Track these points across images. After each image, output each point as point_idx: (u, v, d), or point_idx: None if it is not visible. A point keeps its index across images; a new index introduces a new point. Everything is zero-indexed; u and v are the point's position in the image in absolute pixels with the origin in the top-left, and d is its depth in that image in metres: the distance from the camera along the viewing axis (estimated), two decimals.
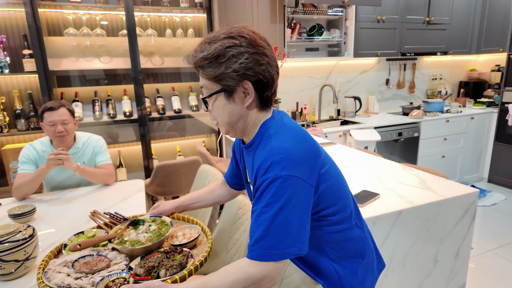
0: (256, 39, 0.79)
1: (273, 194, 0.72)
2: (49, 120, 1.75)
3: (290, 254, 0.73)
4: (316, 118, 3.50)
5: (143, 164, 2.85)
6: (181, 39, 2.90)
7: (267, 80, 0.80)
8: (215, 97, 0.82)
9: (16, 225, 1.13)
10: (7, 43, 2.46)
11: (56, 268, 0.92)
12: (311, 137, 0.82)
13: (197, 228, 1.12)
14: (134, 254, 0.98)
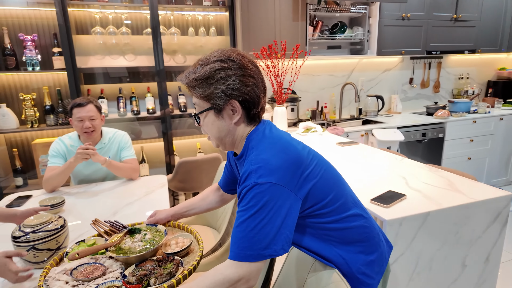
0: (244, 62, 0.86)
1: (250, 200, 0.78)
2: (77, 116, 1.82)
3: (265, 256, 0.78)
4: (337, 117, 3.45)
5: (165, 160, 2.90)
6: (203, 37, 2.92)
7: (253, 100, 0.87)
8: (205, 114, 0.90)
9: (48, 215, 1.17)
10: (38, 42, 2.56)
11: (56, 276, 0.96)
12: (292, 145, 0.87)
13: (189, 236, 1.16)
14: (129, 262, 1.02)
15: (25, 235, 1.08)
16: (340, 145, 2.35)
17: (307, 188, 0.83)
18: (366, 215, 0.95)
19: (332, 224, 0.88)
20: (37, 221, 1.12)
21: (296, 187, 0.81)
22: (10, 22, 2.50)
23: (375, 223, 0.99)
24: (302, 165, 0.83)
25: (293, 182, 0.81)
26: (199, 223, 2.00)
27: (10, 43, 2.45)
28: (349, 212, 0.90)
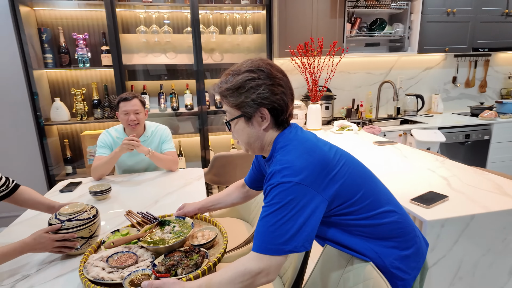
0: (273, 72, 0.91)
1: (273, 197, 0.82)
2: (123, 110, 1.94)
3: (285, 251, 0.80)
4: (373, 116, 3.36)
5: (200, 154, 3.00)
6: (240, 36, 2.98)
7: (281, 107, 0.91)
8: (236, 121, 0.95)
9: (82, 205, 1.20)
10: (89, 40, 2.75)
11: (94, 262, 1.03)
12: (317, 146, 0.89)
13: (215, 229, 1.20)
14: (159, 252, 1.08)
15: (61, 223, 1.12)
16: (377, 144, 2.29)
17: (334, 188, 0.85)
18: (400, 211, 0.94)
19: (363, 220, 0.89)
20: (72, 210, 1.16)
21: (322, 188, 0.83)
22: (65, 23, 2.71)
23: (410, 219, 0.97)
24: (328, 166, 0.86)
25: (318, 183, 0.83)
26: (233, 215, 2.05)
27: (64, 42, 2.65)
28: (381, 209, 0.90)
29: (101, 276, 0.96)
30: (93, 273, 0.97)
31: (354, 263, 0.92)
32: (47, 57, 2.62)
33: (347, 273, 0.94)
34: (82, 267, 1.00)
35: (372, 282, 0.84)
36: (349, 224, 0.89)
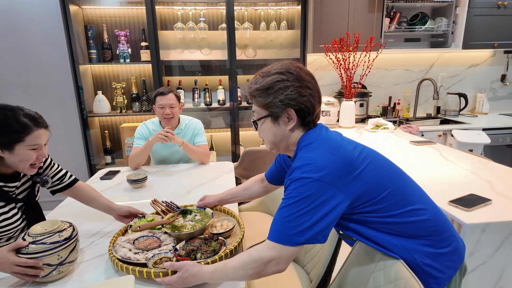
0: (301, 75, 0.93)
1: (292, 190, 0.84)
2: (159, 103, 2.02)
3: (297, 242, 0.83)
4: (411, 115, 3.22)
5: (231, 149, 3.05)
6: (274, 31, 2.98)
7: (308, 109, 0.93)
8: (263, 120, 0.98)
9: (55, 223, 1.02)
10: (130, 37, 2.89)
11: (122, 244, 1.12)
12: (341, 146, 0.90)
13: (233, 220, 1.28)
14: (180, 238, 1.16)
15: (26, 246, 0.94)
16: (414, 143, 2.19)
17: (358, 186, 0.85)
18: (433, 210, 0.92)
19: (390, 218, 0.88)
20: (42, 230, 0.98)
21: (344, 186, 0.84)
22: (109, 20, 2.86)
23: (446, 219, 0.94)
24: (352, 165, 0.86)
25: (340, 181, 0.84)
26: (260, 210, 2.07)
27: (107, 38, 2.81)
28: (410, 207, 0.89)
29: (127, 256, 1.05)
30: (121, 252, 1.06)
31: (385, 262, 0.89)
32: (92, 53, 2.79)
33: (378, 272, 0.91)
34: (111, 247, 1.09)
35: (404, 282, 0.81)
36: (376, 221, 0.89)
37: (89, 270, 1.05)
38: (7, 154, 1.10)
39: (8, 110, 1.10)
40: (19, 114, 1.11)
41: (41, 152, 1.16)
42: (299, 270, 1.45)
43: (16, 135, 1.09)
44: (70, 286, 0.97)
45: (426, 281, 0.88)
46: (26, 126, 1.10)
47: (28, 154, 1.12)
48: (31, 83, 2.86)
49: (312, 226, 0.82)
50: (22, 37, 2.76)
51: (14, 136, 1.09)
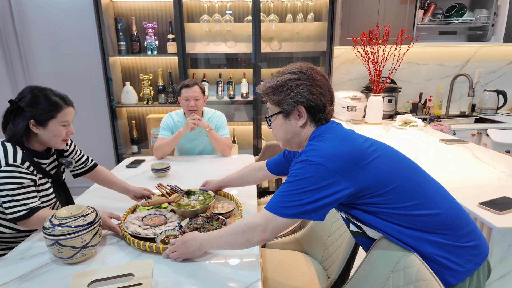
0: (313, 74, 0.98)
1: (295, 170, 0.90)
2: (184, 95, 2.05)
3: (287, 214, 0.88)
4: (443, 112, 3.06)
5: (253, 143, 3.05)
6: (300, 24, 2.92)
7: (318, 106, 0.98)
8: (275, 117, 1.04)
9: (80, 207, 1.06)
10: (157, 29, 2.94)
11: (131, 221, 1.23)
12: (351, 138, 0.93)
13: (233, 203, 1.40)
14: (185, 215, 1.29)
15: (52, 227, 0.99)
16: (445, 142, 2.08)
17: (365, 176, 0.88)
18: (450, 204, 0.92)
19: (400, 210, 0.89)
20: (68, 214, 1.02)
21: (349, 174, 0.87)
22: (137, 13, 2.93)
23: (466, 216, 0.93)
24: (360, 156, 0.89)
25: (346, 169, 0.87)
26: None
27: (136, 30, 2.88)
28: (421, 200, 0.90)
29: (137, 232, 1.16)
30: (131, 228, 1.17)
31: (405, 261, 0.85)
32: (121, 45, 2.87)
33: (398, 272, 0.88)
34: (122, 224, 1.20)
35: (424, 284, 0.78)
36: (385, 212, 0.90)
37: (111, 254, 1.09)
38: (41, 130, 1.22)
39: (41, 90, 1.23)
40: (50, 93, 1.24)
41: (69, 128, 1.30)
42: (317, 266, 1.43)
43: (50, 112, 1.21)
44: (92, 268, 1.01)
45: (441, 272, 0.87)
46: (58, 104, 1.23)
47: (59, 130, 1.25)
48: (65, 73, 2.99)
49: (306, 204, 0.87)
50: (59, 30, 2.89)
51: (48, 113, 1.21)
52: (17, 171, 1.15)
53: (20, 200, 1.15)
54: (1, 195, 1.14)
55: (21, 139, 1.22)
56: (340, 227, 1.35)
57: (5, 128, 1.23)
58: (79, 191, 1.76)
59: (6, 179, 1.13)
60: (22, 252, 1.10)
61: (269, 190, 3.17)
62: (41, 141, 1.26)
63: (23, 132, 1.20)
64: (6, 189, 1.13)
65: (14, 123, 1.20)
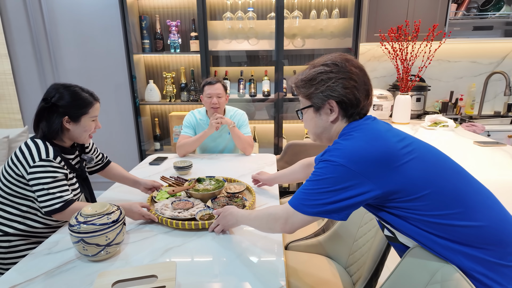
0: (348, 66, 0.93)
1: (318, 169, 0.89)
2: (207, 93, 2.03)
3: (308, 212, 0.88)
4: (475, 113, 2.90)
5: (274, 141, 3.01)
6: (324, 20, 2.84)
7: (351, 101, 0.93)
8: (306, 110, 1.01)
9: (104, 205, 1.06)
10: (180, 27, 2.95)
11: (162, 208, 1.31)
12: (384, 137, 0.87)
13: (243, 184, 1.56)
14: (205, 198, 1.42)
15: (77, 225, 0.99)
16: (479, 144, 1.96)
17: (395, 179, 0.82)
18: (500, 217, 0.83)
19: (434, 218, 0.82)
20: (93, 211, 1.02)
21: (375, 176, 0.82)
22: (161, 11, 2.95)
23: None
24: (391, 157, 0.83)
25: (372, 171, 0.82)
26: None
27: (160, 28, 2.90)
28: (461, 209, 0.81)
29: (176, 215, 1.25)
30: (167, 214, 1.26)
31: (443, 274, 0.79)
32: (145, 43, 2.91)
33: (434, 284, 0.82)
34: (156, 215, 1.25)
35: None
36: (417, 218, 0.83)
37: (134, 252, 1.08)
38: (73, 125, 1.27)
39: (72, 87, 1.27)
40: (80, 90, 1.29)
41: (97, 123, 1.35)
42: (341, 271, 1.38)
43: (83, 108, 1.27)
44: (116, 266, 1.01)
45: None
46: (89, 100, 1.29)
47: (90, 124, 1.31)
48: (91, 70, 3.07)
49: (328, 204, 0.85)
50: (85, 28, 2.96)
51: (81, 109, 1.27)
52: (51, 165, 1.19)
53: (55, 193, 1.18)
54: (36, 189, 1.17)
55: (55, 135, 1.26)
56: (367, 232, 1.29)
57: (37, 126, 1.26)
58: (100, 186, 1.80)
59: (41, 173, 1.17)
60: (49, 247, 1.12)
61: (290, 190, 3.13)
62: (72, 137, 1.30)
63: (59, 128, 1.24)
64: (41, 183, 1.16)
65: (49, 121, 1.23)
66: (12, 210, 1.24)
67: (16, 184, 1.21)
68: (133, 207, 1.24)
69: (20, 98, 3.13)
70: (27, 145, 1.21)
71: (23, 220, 1.25)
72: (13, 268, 1.01)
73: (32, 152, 1.18)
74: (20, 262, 1.03)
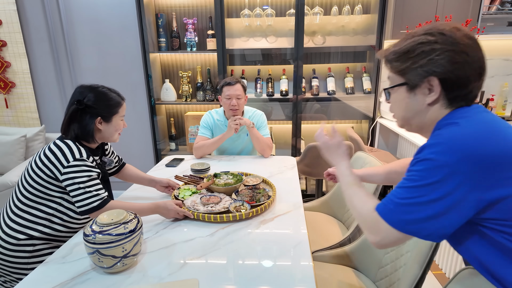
0: (458, 37, 0.73)
1: (415, 172, 0.70)
2: (226, 94, 1.96)
3: (405, 229, 0.70)
4: (507, 114, 2.73)
5: (291, 143, 2.91)
6: (347, 16, 2.72)
7: (458, 80, 0.73)
8: (396, 89, 0.82)
9: (121, 214, 1.00)
10: (197, 25, 2.89)
11: (193, 205, 1.33)
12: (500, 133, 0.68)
13: (259, 177, 1.61)
14: (228, 191, 1.46)
15: (93, 235, 0.93)
16: None
17: (499, 193, 0.65)
18: None
19: None
20: (109, 220, 0.96)
21: (481, 184, 0.65)
22: (178, 8, 2.89)
23: None
24: (504, 163, 0.65)
25: (479, 176, 0.65)
26: (323, 211, 1.91)
27: (176, 26, 2.84)
28: None
29: (210, 210, 1.29)
30: (202, 209, 1.29)
31: None
32: (161, 41, 2.85)
33: None
34: (191, 211, 1.26)
35: None
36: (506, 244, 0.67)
37: (152, 264, 1.02)
38: (105, 125, 1.29)
39: (100, 88, 1.28)
40: (108, 90, 1.30)
41: (124, 122, 1.38)
42: (370, 285, 1.28)
43: (114, 108, 1.30)
44: (133, 279, 0.95)
45: None
46: (117, 100, 1.31)
47: (119, 123, 1.34)
48: (108, 69, 3.04)
49: (428, 220, 0.68)
50: (102, 26, 2.93)
51: (113, 109, 1.29)
52: (85, 164, 1.20)
53: (91, 191, 1.18)
54: (72, 188, 1.17)
55: (88, 137, 1.26)
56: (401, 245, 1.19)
57: (67, 128, 1.25)
58: (116, 186, 1.75)
59: (76, 173, 1.17)
60: (64, 255, 1.07)
61: (308, 193, 3.02)
62: (103, 137, 1.32)
63: (92, 129, 1.25)
64: (77, 182, 1.16)
65: (82, 122, 1.24)
66: (37, 213, 1.22)
67: (45, 185, 1.19)
68: (168, 204, 1.25)
69: (37, 97, 3.14)
70: (57, 146, 1.20)
71: (49, 223, 1.23)
72: (25, 279, 0.95)
73: (65, 152, 1.18)
74: (32, 273, 0.98)
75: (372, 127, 2.84)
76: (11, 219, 1.20)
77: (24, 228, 1.19)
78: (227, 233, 1.18)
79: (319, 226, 1.75)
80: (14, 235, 1.18)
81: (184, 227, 1.23)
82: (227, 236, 1.16)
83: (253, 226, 1.23)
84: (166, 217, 1.27)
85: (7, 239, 1.18)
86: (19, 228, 1.19)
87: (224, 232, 1.19)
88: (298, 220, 1.27)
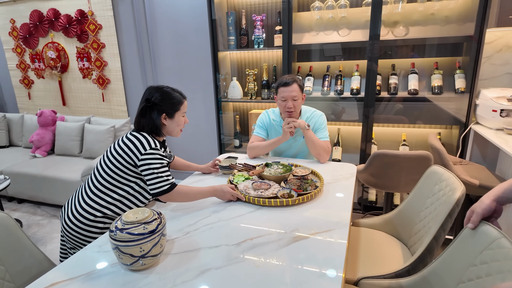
0: None
1: None
2: (282, 95, 1.85)
3: None
4: None
5: (360, 147, 2.63)
6: (437, 2, 2.30)
7: None
8: None
9: (145, 212, 1.00)
10: (266, 21, 2.83)
11: (246, 190, 1.47)
12: None
13: (308, 168, 1.66)
14: (278, 179, 1.57)
15: (115, 231, 0.95)
16: None
17: None
18: None
19: None
20: (133, 218, 0.97)
21: None
22: (248, 5, 2.88)
23: None
24: None
25: None
26: (385, 230, 1.65)
27: (245, 24, 2.83)
28: None
29: (260, 194, 1.41)
30: (253, 194, 1.42)
31: None
32: (230, 39, 2.89)
33: None
34: (243, 194, 1.40)
35: None
36: None
37: (172, 266, 1.00)
38: (169, 121, 1.45)
39: (165, 88, 1.45)
40: (171, 90, 1.46)
41: (185, 118, 1.52)
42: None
43: (177, 105, 1.45)
44: (149, 280, 0.95)
45: None
46: (179, 98, 1.46)
47: (181, 120, 1.48)
48: (183, 68, 3.23)
49: None
50: (179, 27, 3.12)
51: (176, 107, 1.44)
52: (158, 153, 1.38)
53: (163, 176, 1.36)
54: (147, 173, 1.35)
55: (157, 130, 1.44)
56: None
57: (139, 122, 1.44)
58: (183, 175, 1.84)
59: (152, 160, 1.35)
60: (100, 244, 1.14)
61: (377, 205, 2.71)
62: (167, 131, 1.48)
63: (159, 124, 1.43)
64: (151, 168, 1.35)
65: (151, 118, 1.42)
66: (113, 195, 1.41)
67: (123, 170, 1.39)
68: (224, 187, 1.42)
69: (126, 93, 3.54)
70: (135, 136, 1.38)
71: (120, 204, 1.42)
72: (64, 262, 1.04)
73: (142, 142, 1.37)
74: (71, 258, 1.07)
75: (464, 134, 2.36)
76: (90, 198, 1.41)
77: (101, 207, 1.40)
78: (254, 244, 1.10)
79: (376, 247, 1.51)
80: (93, 212, 1.39)
81: (236, 208, 1.39)
82: (253, 249, 1.08)
83: (285, 241, 1.11)
84: (222, 199, 1.43)
85: (86, 215, 1.39)
86: (97, 206, 1.40)
87: (252, 243, 1.11)
88: (339, 244, 1.10)
